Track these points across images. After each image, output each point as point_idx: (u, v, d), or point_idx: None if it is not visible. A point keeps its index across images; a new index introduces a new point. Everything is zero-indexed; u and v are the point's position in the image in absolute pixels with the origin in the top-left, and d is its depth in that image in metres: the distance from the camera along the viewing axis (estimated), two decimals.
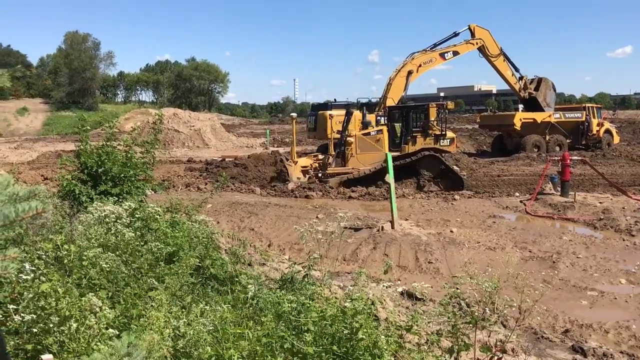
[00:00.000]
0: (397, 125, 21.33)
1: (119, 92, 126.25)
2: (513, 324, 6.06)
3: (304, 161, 20.67)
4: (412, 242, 10.58)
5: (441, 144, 20.14)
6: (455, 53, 25.97)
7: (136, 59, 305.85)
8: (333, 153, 19.94)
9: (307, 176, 19.96)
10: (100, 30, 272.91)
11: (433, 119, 20.42)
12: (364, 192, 17.76)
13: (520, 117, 30.63)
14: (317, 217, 13.43)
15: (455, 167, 20.18)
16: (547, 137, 30.00)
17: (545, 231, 12.13)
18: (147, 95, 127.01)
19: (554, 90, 30.69)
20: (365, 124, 20.78)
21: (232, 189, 19.02)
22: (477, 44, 26.65)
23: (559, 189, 16.10)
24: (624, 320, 6.87)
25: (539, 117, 30.60)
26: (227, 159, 27.08)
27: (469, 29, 26.75)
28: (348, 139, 19.76)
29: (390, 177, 12.04)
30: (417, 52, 24.92)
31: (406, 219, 12.83)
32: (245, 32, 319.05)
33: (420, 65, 24.57)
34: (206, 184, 19.77)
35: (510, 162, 26.58)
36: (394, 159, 19.21)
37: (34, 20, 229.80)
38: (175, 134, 40.36)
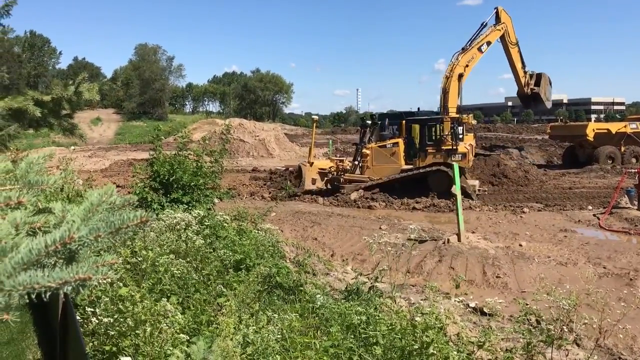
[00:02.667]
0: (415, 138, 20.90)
1: (187, 103, 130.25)
2: (587, 343, 5.80)
3: (323, 163, 20.62)
4: (479, 256, 10.32)
5: (452, 159, 19.43)
6: (489, 43, 24.89)
7: (204, 70, 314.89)
8: (356, 161, 20.03)
9: (325, 179, 19.95)
10: (171, 43, 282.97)
11: (446, 133, 19.65)
12: (428, 204, 17.53)
13: (593, 127, 29.48)
14: (380, 227, 13.34)
15: (473, 182, 19.64)
16: (623, 149, 28.70)
17: (620, 247, 11.57)
18: (213, 106, 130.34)
19: (550, 84, 29.56)
20: (383, 137, 20.59)
21: (297, 198, 19.22)
22: (502, 29, 25.61)
23: (636, 202, 15.35)
24: None
25: (613, 127, 29.35)
26: (290, 169, 27.40)
27: (496, 11, 25.73)
28: (364, 150, 19.72)
29: (457, 189, 11.81)
30: (457, 52, 24.37)
31: (473, 232, 12.55)
32: (310, 43, 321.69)
33: (467, 65, 24.05)
34: (270, 192, 20.05)
35: (582, 174, 25.60)
36: (407, 171, 18.98)
37: (107, 33, 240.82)
38: (241, 144, 41.18)
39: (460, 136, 19.80)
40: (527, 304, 4.47)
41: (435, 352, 2.89)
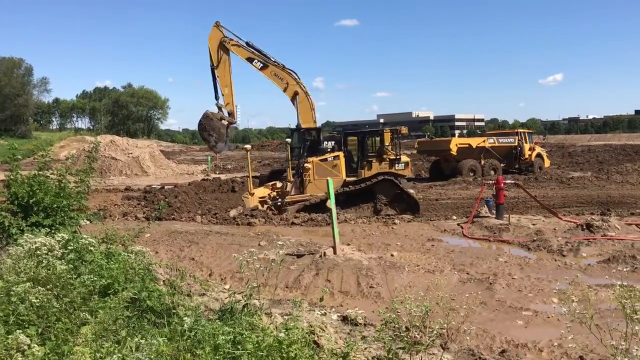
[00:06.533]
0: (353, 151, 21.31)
1: (53, 119, 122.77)
2: (453, 346, 6.17)
3: (262, 191, 20.32)
4: (354, 267, 10.61)
5: (396, 168, 20.28)
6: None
7: (74, 85, 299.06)
8: (292, 180, 19.87)
9: (266, 206, 19.68)
10: (36, 56, 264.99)
11: (387, 144, 20.51)
12: (306, 218, 17.76)
13: (456, 142, 31.74)
14: (259, 244, 13.33)
15: (411, 191, 20.53)
16: (482, 162, 31.06)
17: (482, 253, 12.44)
18: (83, 123, 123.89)
19: None
20: (322, 150, 20.89)
21: (174, 218, 18.67)
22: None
23: (494, 211, 16.58)
24: (557, 338, 7.09)
25: (474, 142, 31.83)
26: (166, 187, 26.58)
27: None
28: (305, 165, 19.74)
29: (331, 203, 12.11)
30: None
31: (348, 244, 12.89)
32: (188, 58, 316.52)
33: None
34: (144, 212, 19.31)
35: (447, 186, 27.26)
36: (351, 184, 19.37)
37: None
38: (113, 162, 39.33)
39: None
40: (398, 312, 4.69)
41: None
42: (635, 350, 3.34)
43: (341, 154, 20.43)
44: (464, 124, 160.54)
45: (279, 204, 19.53)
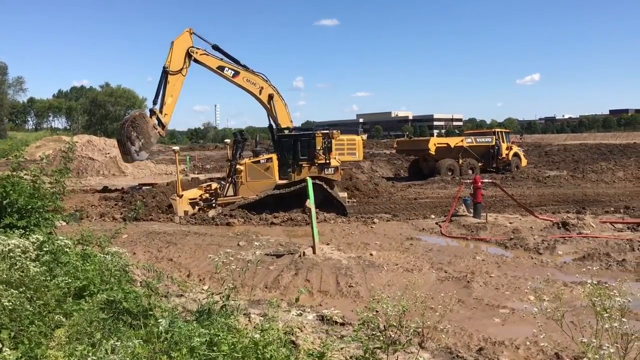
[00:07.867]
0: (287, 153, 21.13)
1: (29, 119, 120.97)
2: (430, 345, 6.22)
3: (193, 193, 20.22)
4: (333, 267, 10.62)
5: (325, 173, 20.20)
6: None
7: (50, 84, 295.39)
8: (229, 180, 19.91)
9: (197, 207, 19.65)
10: (11, 55, 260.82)
11: (319, 148, 20.29)
12: (286, 218, 17.77)
13: (435, 142, 31.99)
14: (238, 244, 13.29)
15: (342, 194, 20.52)
16: (460, 161, 31.34)
17: (459, 252, 12.55)
18: (59, 122, 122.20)
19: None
20: (256, 153, 20.86)
21: (152, 218, 18.52)
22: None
23: (472, 210, 16.72)
24: (533, 335, 7.18)
25: (452, 141, 32.11)
26: (144, 187, 26.34)
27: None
28: (238, 167, 19.69)
29: (311, 203, 12.12)
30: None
31: (327, 244, 12.90)
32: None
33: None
34: (122, 213, 19.12)
35: (426, 186, 27.46)
36: (282, 187, 19.32)
37: None
38: (90, 162, 38.82)
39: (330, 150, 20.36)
40: (377, 311, 4.70)
41: None
42: (606, 347, 3.39)
43: (274, 156, 20.37)
44: (442, 123, 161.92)
45: (213, 205, 19.59)
